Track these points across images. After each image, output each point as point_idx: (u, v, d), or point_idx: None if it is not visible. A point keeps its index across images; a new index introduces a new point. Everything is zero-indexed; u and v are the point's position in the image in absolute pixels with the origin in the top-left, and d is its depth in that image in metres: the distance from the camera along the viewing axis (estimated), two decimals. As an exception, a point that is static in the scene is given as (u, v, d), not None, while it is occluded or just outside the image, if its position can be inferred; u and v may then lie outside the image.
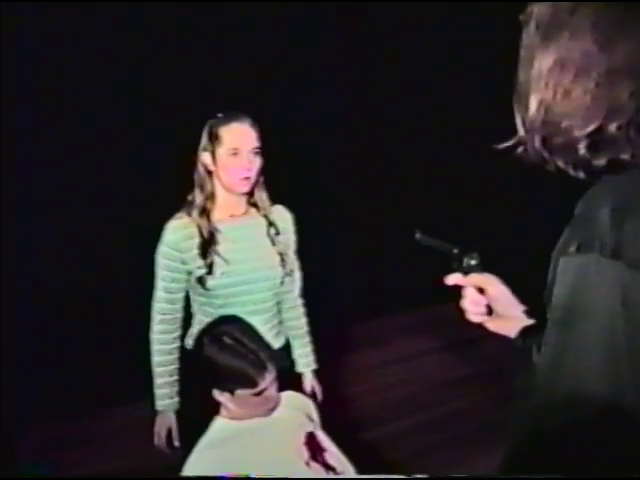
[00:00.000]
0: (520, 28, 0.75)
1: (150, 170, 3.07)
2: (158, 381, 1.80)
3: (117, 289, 3.13)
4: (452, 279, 0.99)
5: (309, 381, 2.01)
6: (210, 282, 1.73)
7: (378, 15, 3.77)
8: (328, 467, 1.52)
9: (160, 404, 1.80)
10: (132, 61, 3.07)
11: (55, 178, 3.04)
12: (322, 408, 1.74)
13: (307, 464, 1.49)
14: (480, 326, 0.99)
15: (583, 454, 0.66)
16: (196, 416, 1.58)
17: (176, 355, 1.82)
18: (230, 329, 1.52)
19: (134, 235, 2.78)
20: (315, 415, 1.69)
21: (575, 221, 0.74)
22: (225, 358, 1.46)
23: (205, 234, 1.73)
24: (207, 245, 1.73)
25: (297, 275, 1.95)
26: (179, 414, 1.82)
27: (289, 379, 1.75)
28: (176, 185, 1.81)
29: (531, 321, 0.95)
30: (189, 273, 1.76)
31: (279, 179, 1.82)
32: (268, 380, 1.47)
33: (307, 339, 2.00)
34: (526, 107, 0.74)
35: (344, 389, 3.19)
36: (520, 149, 0.76)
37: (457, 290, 1.01)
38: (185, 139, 1.81)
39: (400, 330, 4.02)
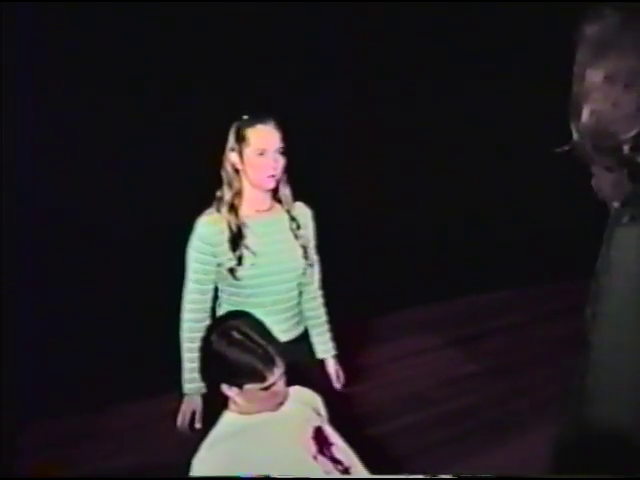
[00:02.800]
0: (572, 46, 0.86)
1: (177, 168, 3.13)
2: (187, 366, 1.90)
3: (120, 286, 3.16)
4: None
5: (332, 366, 2.13)
6: (240, 272, 1.85)
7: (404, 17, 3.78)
8: (335, 461, 1.53)
9: (188, 387, 1.92)
10: (166, 64, 3.14)
11: (86, 179, 3.10)
12: (330, 403, 1.75)
13: (314, 458, 1.51)
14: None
15: None
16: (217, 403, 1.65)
17: None
18: (239, 324, 1.53)
19: (155, 231, 2.83)
20: (323, 410, 1.70)
21: (625, 198, 0.85)
22: (234, 353, 1.48)
23: (234, 228, 1.86)
24: (236, 239, 1.85)
25: (317, 268, 2.07)
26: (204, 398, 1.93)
27: (297, 373, 1.77)
28: (202, 183, 1.91)
29: None
30: (219, 265, 1.88)
31: (300, 177, 1.93)
32: (277, 375, 1.49)
33: (326, 327, 2.11)
34: (579, 116, 0.84)
35: (351, 384, 3.20)
36: (574, 152, 0.87)
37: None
38: (210, 139, 1.90)
39: (407, 326, 4.02)
